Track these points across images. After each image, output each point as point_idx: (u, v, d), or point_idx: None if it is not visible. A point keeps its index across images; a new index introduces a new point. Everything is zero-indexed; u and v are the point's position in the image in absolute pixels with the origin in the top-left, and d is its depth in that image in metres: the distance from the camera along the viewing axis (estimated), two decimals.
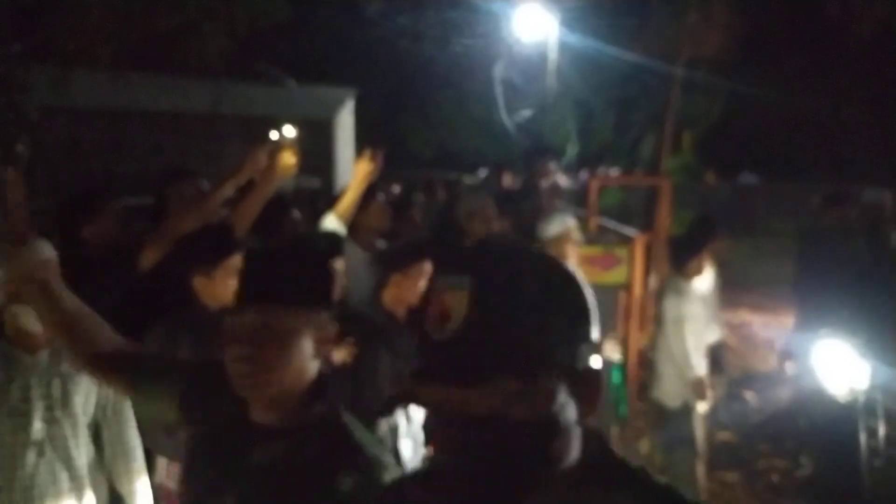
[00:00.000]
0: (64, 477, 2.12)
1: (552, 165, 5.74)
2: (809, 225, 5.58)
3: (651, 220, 5.07)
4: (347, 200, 3.37)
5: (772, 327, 7.81)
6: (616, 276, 4.50)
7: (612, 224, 5.03)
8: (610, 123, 14.02)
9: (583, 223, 4.57)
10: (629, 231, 4.70)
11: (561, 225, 3.86)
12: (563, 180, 7.37)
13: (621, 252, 4.48)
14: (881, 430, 3.58)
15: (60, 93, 7.92)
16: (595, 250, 4.44)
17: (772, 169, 17.96)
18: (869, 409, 3.62)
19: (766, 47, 10.05)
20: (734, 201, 16.75)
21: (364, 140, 14.87)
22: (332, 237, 3.00)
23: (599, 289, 4.19)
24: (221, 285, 2.51)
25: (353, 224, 3.49)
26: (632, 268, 4.49)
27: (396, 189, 9.22)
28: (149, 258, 2.71)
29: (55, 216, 3.02)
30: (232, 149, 12.89)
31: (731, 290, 5.60)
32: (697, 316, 4.17)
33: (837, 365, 3.78)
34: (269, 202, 3.13)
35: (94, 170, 9.14)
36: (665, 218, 4.84)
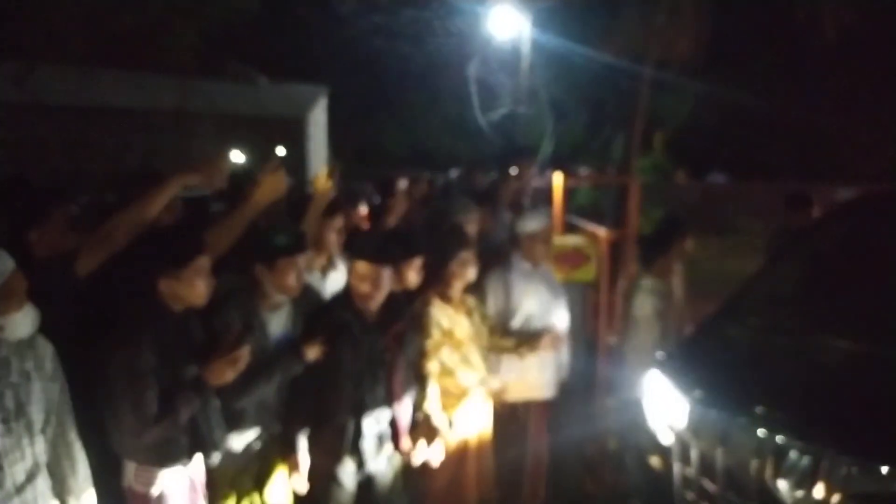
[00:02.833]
0: (26, 486, 2.10)
1: (528, 166, 5.75)
2: (779, 226, 5.64)
3: (620, 219, 5.12)
4: (311, 221, 3.32)
5: None
6: (585, 273, 4.54)
7: (580, 222, 5.07)
8: (582, 123, 14.13)
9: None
10: (597, 229, 4.74)
11: (539, 222, 3.88)
12: (537, 180, 7.40)
13: (590, 250, 4.53)
14: (694, 481, 2.98)
15: (26, 89, 7.79)
16: (564, 248, 4.48)
17: (740, 168, 18.24)
18: (684, 454, 3.06)
19: (735, 50, 10.21)
20: (703, 200, 16.95)
21: (337, 139, 14.81)
22: (295, 233, 2.96)
23: (569, 286, 4.24)
24: (188, 286, 2.47)
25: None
26: (600, 265, 4.53)
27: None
28: (84, 265, 2.52)
29: (2, 217, 2.85)
30: (201, 147, 12.76)
31: (699, 288, 5.67)
32: (667, 314, 4.22)
33: (659, 400, 3.28)
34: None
35: (61, 168, 9.00)
36: (634, 217, 4.87)
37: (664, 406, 3.23)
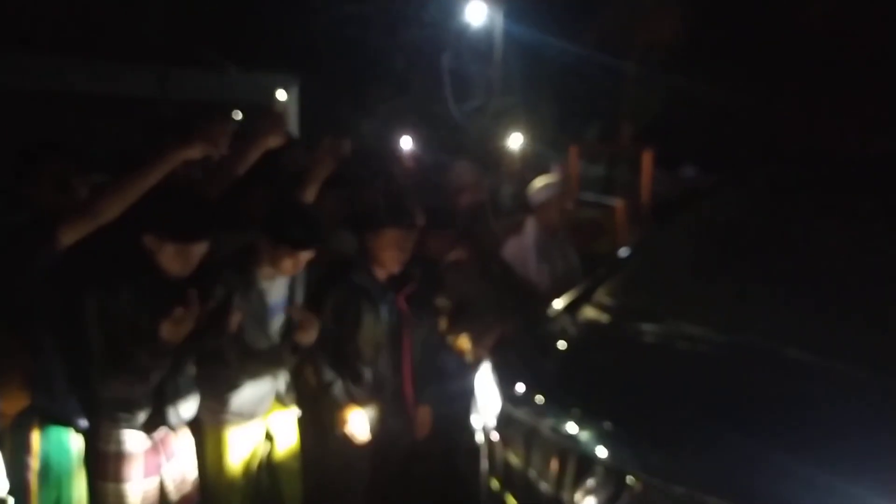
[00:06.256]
0: None
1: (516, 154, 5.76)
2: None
3: (612, 194, 5.18)
4: (310, 190, 3.27)
5: None
6: (602, 244, 4.58)
7: (591, 196, 5.13)
8: (554, 114, 14.16)
9: None
10: (611, 201, 4.79)
11: (550, 189, 3.87)
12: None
13: (606, 221, 4.59)
14: (497, 495, 2.46)
15: None
16: (580, 220, 4.52)
17: (712, 162, 18.42)
18: (491, 462, 2.52)
19: (711, 40, 10.29)
20: (675, 192, 17.15)
21: (309, 128, 14.61)
22: (310, 225, 2.87)
23: (587, 258, 4.24)
24: (182, 258, 2.45)
25: None
26: (616, 236, 4.58)
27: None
28: (68, 235, 2.29)
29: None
30: (171, 134, 12.46)
31: None
32: None
33: (481, 395, 2.74)
34: None
35: None
36: (647, 187, 4.92)
37: (484, 402, 2.68)
